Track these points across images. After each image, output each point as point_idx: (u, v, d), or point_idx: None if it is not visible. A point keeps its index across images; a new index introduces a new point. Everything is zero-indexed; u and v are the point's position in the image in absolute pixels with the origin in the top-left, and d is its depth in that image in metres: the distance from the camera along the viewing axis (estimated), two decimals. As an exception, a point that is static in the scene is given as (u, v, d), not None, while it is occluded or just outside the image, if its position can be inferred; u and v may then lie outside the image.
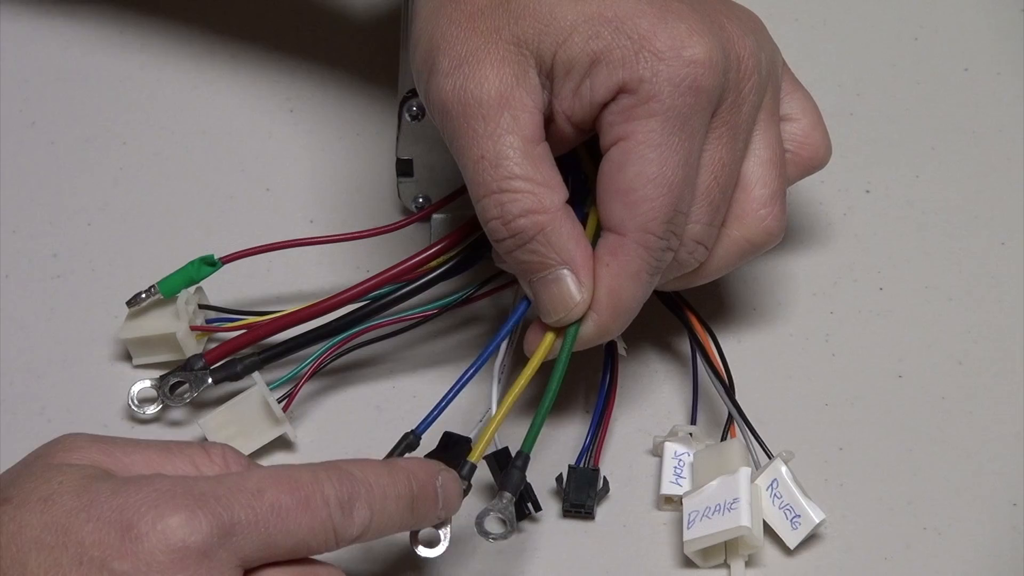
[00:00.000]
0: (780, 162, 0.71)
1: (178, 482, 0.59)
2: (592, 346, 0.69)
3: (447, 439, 0.70)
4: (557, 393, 0.67)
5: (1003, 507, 0.71)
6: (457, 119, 0.66)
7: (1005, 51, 0.88)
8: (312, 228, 0.80)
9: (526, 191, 0.66)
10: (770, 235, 0.71)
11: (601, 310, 0.67)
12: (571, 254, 0.67)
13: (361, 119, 0.85)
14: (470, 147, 0.66)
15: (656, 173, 0.66)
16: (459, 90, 0.66)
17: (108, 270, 0.79)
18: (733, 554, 0.68)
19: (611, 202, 0.67)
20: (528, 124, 0.66)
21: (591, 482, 0.70)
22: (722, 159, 0.68)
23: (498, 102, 0.66)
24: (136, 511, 0.58)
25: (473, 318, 0.77)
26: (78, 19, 0.88)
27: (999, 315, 0.77)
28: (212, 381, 0.73)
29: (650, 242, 0.67)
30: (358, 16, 0.89)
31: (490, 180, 0.66)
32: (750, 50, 0.69)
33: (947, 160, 0.83)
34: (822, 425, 0.73)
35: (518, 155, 0.66)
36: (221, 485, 0.60)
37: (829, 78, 0.86)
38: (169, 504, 0.58)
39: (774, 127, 0.71)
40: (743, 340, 0.76)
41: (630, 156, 0.66)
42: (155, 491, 0.59)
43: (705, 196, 0.68)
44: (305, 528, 0.60)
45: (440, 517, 0.65)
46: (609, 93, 0.66)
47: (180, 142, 0.84)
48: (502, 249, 0.67)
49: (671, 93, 0.66)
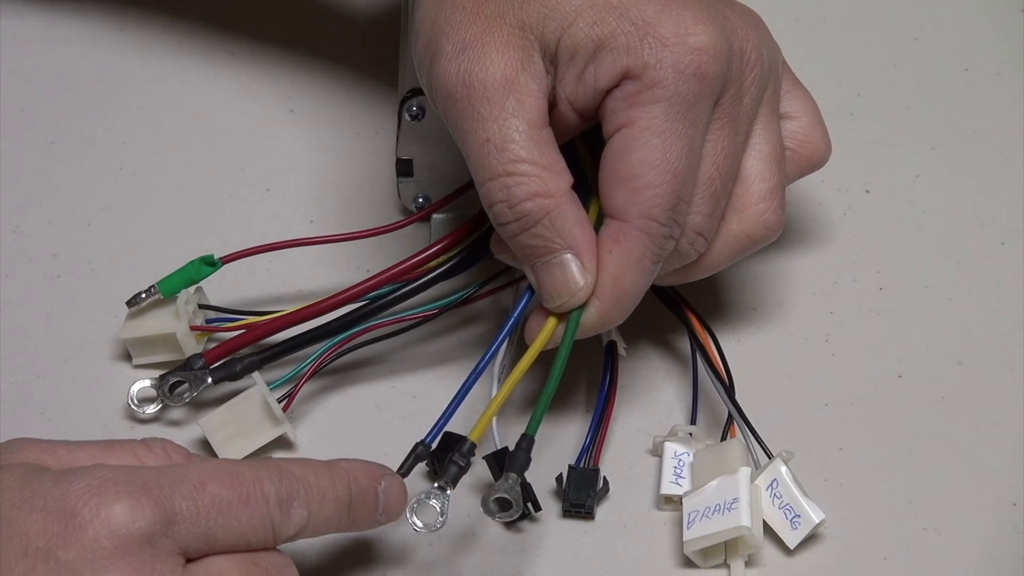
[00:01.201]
0: (780, 157, 0.71)
1: (120, 471, 0.60)
2: (594, 334, 0.68)
3: (447, 439, 0.70)
4: (560, 379, 0.66)
5: (1003, 507, 0.71)
6: (462, 102, 0.66)
7: (1005, 51, 0.88)
8: (312, 228, 0.80)
9: (532, 175, 0.66)
10: (769, 230, 0.71)
11: (604, 297, 0.67)
12: (576, 239, 0.67)
13: (361, 119, 0.85)
14: (475, 131, 0.66)
15: (660, 160, 0.66)
16: (464, 73, 0.66)
17: (108, 270, 0.79)
18: (733, 554, 0.68)
19: (614, 189, 0.67)
20: (533, 108, 0.66)
21: (591, 482, 0.70)
22: (724, 150, 0.68)
23: (503, 86, 0.66)
24: (79, 498, 0.58)
25: (473, 318, 0.77)
26: (78, 19, 0.88)
27: (999, 315, 0.77)
28: (211, 381, 0.73)
29: (653, 229, 0.66)
30: (358, 16, 0.89)
31: (495, 163, 0.66)
32: (753, 43, 0.69)
33: (947, 160, 0.83)
34: (822, 425, 0.73)
35: (523, 139, 0.66)
36: (163, 475, 0.60)
37: (829, 78, 0.86)
38: (111, 491, 0.58)
39: (774, 122, 0.71)
40: (743, 340, 0.76)
41: (634, 142, 0.66)
42: (97, 479, 0.59)
43: (707, 187, 0.68)
44: (245, 523, 0.61)
45: (380, 522, 0.65)
46: (613, 79, 0.66)
47: (180, 142, 0.84)
48: (506, 233, 0.67)
49: (675, 79, 0.66)
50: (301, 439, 0.73)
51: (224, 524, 0.60)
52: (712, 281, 0.76)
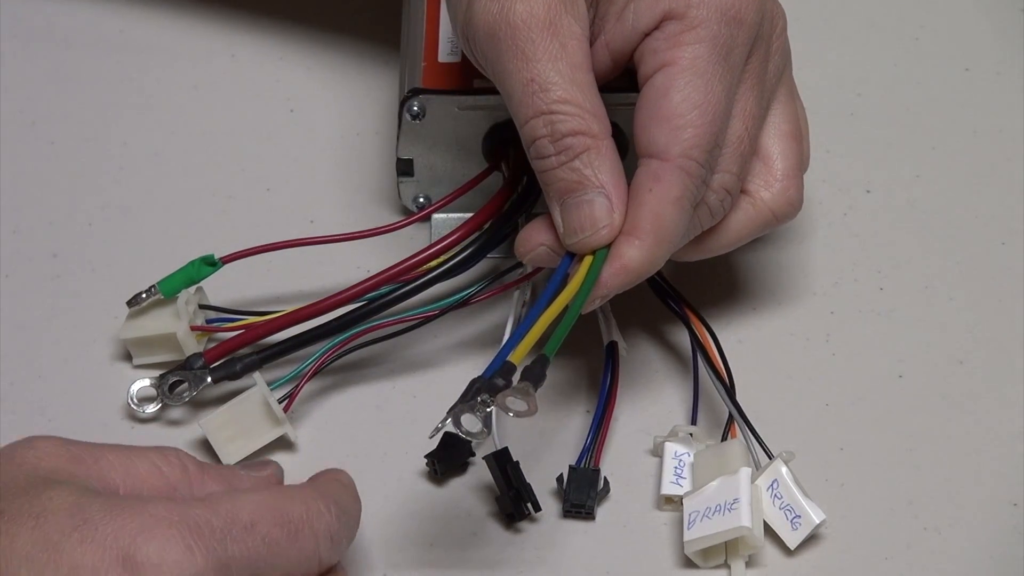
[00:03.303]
0: (799, 137, 0.71)
1: (173, 509, 0.59)
2: (637, 281, 0.67)
3: (447, 439, 0.70)
4: (579, 310, 0.65)
5: (1003, 507, 0.71)
6: (505, 41, 0.66)
7: (1005, 51, 0.88)
8: (312, 228, 0.80)
9: (575, 114, 0.66)
10: (792, 207, 0.71)
11: (645, 235, 0.66)
12: (609, 181, 0.66)
13: (361, 119, 0.85)
14: (519, 70, 0.66)
15: (702, 99, 0.66)
16: (507, 12, 0.66)
17: (108, 270, 0.79)
18: (733, 554, 0.68)
19: (655, 128, 0.67)
20: (577, 51, 0.66)
21: (592, 482, 0.70)
22: (751, 111, 0.69)
23: (547, 27, 0.66)
24: (133, 540, 0.58)
25: (473, 319, 0.77)
26: (78, 19, 0.88)
27: (999, 315, 0.77)
28: (211, 380, 0.73)
29: (692, 168, 0.66)
30: (358, 15, 0.89)
31: (539, 102, 0.66)
32: (780, 12, 0.70)
33: (947, 160, 0.83)
34: (822, 425, 0.73)
35: (566, 81, 0.66)
36: (215, 515, 0.60)
37: (829, 78, 0.86)
38: (166, 533, 0.58)
39: (792, 103, 0.72)
40: (743, 340, 0.76)
41: (676, 81, 0.66)
42: (152, 517, 0.59)
43: (736, 146, 0.68)
44: (293, 559, 0.61)
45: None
46: (654, 20, 0.67)
47: (180, 142, 0.84)
48: (544, 167, 0.67)
49: (718, 20, 0.66)
50: (302, 439, 0.73)
51: (272, 562, 0.61)
52: (713, 281, 0.76)
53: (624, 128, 0.71)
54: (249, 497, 0.62)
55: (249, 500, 0.61)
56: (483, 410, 0.62)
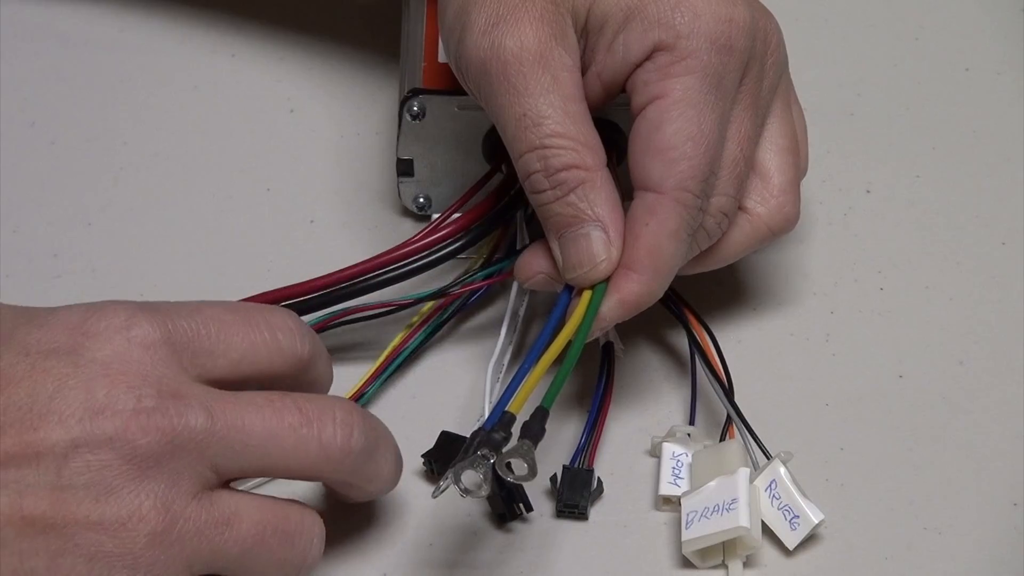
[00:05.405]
0: (795, 151, 0.71)
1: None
2: (637, 312, 0.68)
3: (444, 438, 0.70)
4: (580, 352, 0.65)
5: (1003, 507, 0.71)
6: (496, 76, 0.66)
7: (1005, 51, 0.88)
8: (312, 228, 0.80)
9: (569, 148, 0.66)
10: (789, 222, 0.71)
11: (643, 270, 0.67)
12: (606, 214, 0.66)
13: (361, 119, 0.85)
14: (511, 104, 0.66)
15: (695, 131, 0.66)
16: (497, 47, 0.66)
17: (108, 270, 0.79)
18: (731, 555, 0.68)
19: (649, 161, 0.67)
20: (568, 83, 0.66)
21: (585, 483, 0.70)
22: (746, 132, 0.68)
23: (538, 60, 0.66)
24: (81, 313, 0.60)
25: (473, 318, 0.77)
26: (78, 18, 0.88)
27: (1000, 315, 0.77)
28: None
29: (688, 200, 0.66)
30: (359, 15, 0.89)
31: (532, 137, 0.66)
32: (774, 28, 0.70)
33: (947, 160, 0.83)
34: (822, 425, 0.73)
35: (559, 114, 0.66)
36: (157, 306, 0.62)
37: (829, 78, 0.86)
38: (112, 306, 0.60)
39: (788, 116, 0.71)
40: (743, 340, 0.76)
41: (668, 114, 0.66)
42: (91, 304, 0.61)
43: (732, 168, 0.68)
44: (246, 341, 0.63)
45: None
46: (644, 52, 0.67)
47: (180, 142, 0.84)
48: (540, 201, 0.67)
49: (708, 50, 0.66)
50: (300, 439, 0.73)
51: (226, 340, 0.61)
52: (712, 281, 0.76)
53: (624, 128, 0.71)
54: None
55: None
56: (484, 464, 0.62)
